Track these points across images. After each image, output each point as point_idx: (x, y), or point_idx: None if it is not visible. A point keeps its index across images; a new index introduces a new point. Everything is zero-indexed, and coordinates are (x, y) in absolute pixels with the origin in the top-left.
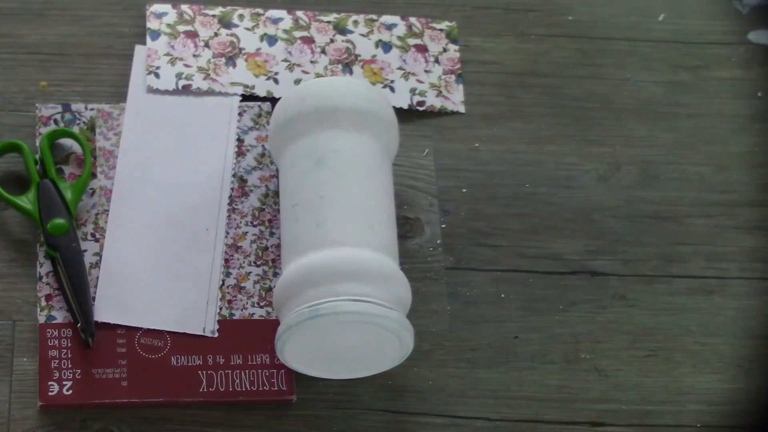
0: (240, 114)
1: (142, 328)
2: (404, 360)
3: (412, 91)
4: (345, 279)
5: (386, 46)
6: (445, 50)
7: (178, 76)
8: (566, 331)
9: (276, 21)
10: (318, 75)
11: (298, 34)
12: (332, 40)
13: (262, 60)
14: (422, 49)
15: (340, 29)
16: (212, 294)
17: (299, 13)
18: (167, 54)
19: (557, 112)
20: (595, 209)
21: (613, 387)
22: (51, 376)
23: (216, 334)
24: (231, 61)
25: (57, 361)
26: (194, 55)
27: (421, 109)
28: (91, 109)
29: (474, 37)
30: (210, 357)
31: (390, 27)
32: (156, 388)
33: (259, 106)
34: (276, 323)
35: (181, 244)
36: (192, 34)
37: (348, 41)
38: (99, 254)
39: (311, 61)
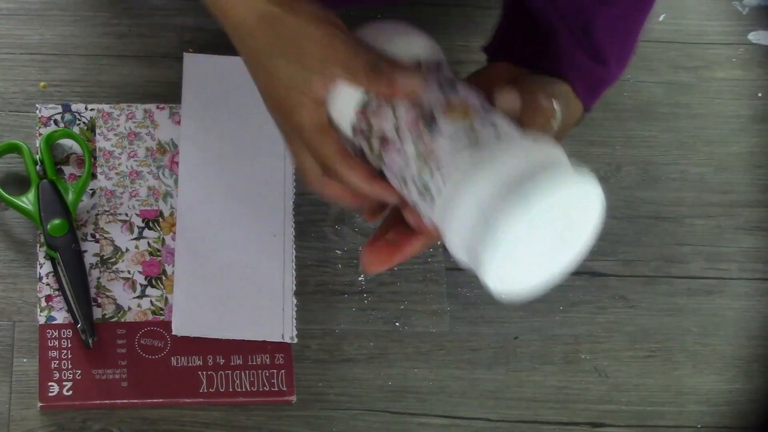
0: None
1: (141, 330)
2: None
3: None
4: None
5: None
6: None
7: None
8: (566, 331)
9: None
10: None
11: None
12: None
13: None
14: None
15: None
16: (287, 300)
17: None
18: None
19: None
20: None
21: (613, 388)
22: (51, 377)
23: (295, 340)
24: None
25: (57, 361)
26: None
27: None
28: (91, 110)
29: (474, 37)
30: (210, 357)
31: None
32: (156, 388)
33: None
34: None
35: (250, 252)
36: None
37: None
38: (99, 255)
39: None
